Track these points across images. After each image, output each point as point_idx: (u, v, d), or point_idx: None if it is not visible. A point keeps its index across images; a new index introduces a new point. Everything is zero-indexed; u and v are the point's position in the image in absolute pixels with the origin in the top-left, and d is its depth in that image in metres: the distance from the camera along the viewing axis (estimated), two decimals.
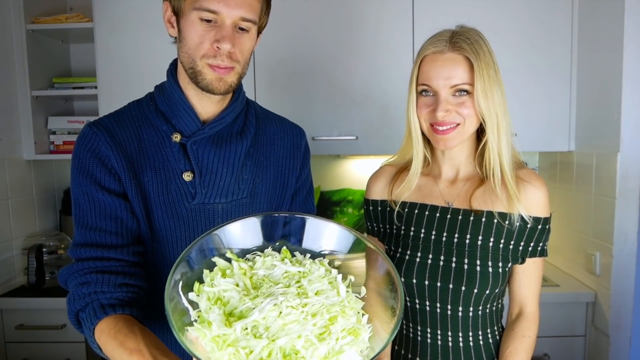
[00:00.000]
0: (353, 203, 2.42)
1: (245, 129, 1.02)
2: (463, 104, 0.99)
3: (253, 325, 0.63)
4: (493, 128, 1.01)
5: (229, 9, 0.86)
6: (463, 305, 1.04)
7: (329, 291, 0.71)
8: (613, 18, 1.71)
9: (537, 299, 1.09)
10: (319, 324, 0.64)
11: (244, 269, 0.72)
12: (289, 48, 1.98)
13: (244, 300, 0.66)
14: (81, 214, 0.93)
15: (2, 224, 2.05)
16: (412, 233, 1.09)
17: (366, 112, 2.00)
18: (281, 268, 0.74)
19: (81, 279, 0.88)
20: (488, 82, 0.97)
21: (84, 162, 0.93)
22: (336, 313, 0.67)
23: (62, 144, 2.24)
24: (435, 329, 1.06)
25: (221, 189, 0.97)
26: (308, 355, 0.60)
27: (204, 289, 0.68)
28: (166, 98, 0.98)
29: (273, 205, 1.07)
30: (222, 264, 0.72)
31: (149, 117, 0.98)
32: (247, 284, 0.70)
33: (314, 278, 0.73)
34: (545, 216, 1.05)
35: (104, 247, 0.90)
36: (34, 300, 1.91)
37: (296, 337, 0.61)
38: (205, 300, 0.66)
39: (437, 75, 0.99)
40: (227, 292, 0.67)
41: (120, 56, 2.01)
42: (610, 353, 1.75)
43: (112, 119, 0.97)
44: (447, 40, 0.99)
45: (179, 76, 0.98)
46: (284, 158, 1.08)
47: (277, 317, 0.63)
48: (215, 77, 0.90)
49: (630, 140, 1.69)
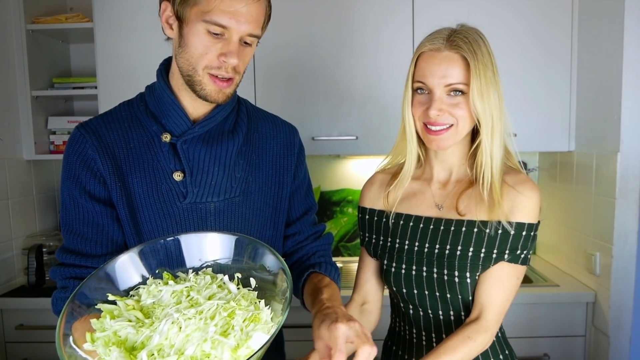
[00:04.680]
0: (353, 203, 2.43)
1: (237, 127, 1.02)
2: (457, 105, 0.97)
3: (158, 349, 0.64)
4: (487, 130, 0.98)
5: (238, 25, 0.86)
6: (453, 310, 1.04)
7: (220, 293, 0.74)
8: (613, 18, 1.71)
9: (498, 309, 0.99)
10: (219, 324, 0.66)
11: (131, 305, 0.73)
12: (289, 48, 1.98)
13: (142, 331, 0.67)
14: (67, 217, 0.96)
15: (2, 224, 2.05)
16: (398, 245, 1.08)
17: (366, 112, 2.00)
18: (168, 290, 0.75)
19: (62, 283, 0.94)
20: (485, 83, 0.95)
21: (71, 165, 0.95)
22: (233, 308, 0.69)
23: (62, 144, 2.24)
24: (429, 332, 1.07)
25: (213, 188, 0.97)
26: (219, 353, 0.63)
27: (95, 336, 0.67)
28: (156, 98, 0.98)
29: (269, 203, 1.07)
30: (108, 308, 0.72)
31: (139, 117, 0.98)
32: (139, 316, 0.71)
33: (201, 287, 0.75)
34: (530, 222, 1.00)
35: (83, 256, 0.94)
36: (34, 300, 1.91)
37: (202, 342, 0.63)
38: (102, 346, 0.66)
39: (433, 73, 0.96)
40: (121, 330, 0.68)
41: (120, 56, 2.01)
42: (610, 353, 1.75)
43: (101, 121, 0.98)
44: (445, 38, 0.97)
45: (172, 77, 0.98)
46: (278, 156, 1.08)
47: (179, 332, 0.65)
48: (215, 89, 0.91)
49: (630, 140, 1.69)
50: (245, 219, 1.02)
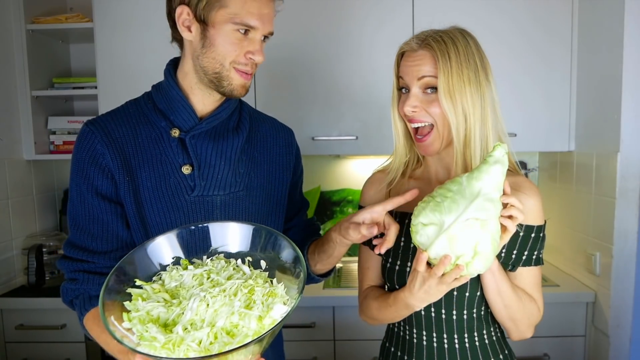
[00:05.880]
0: (353, 203, 2.43)
1: (240, 125, 1.07)
2: (432, 103, 0.98)
3: (191, 323, 0.72)
4: (459, 134, 0.95)
5: (263, 25, 0.95)
6: (457, 309, 1.03)
7: (236, 274, 0.83)
8: (613, 18, 1.71)
9: (540, 300, 1.06)
10: (242, 299, 0.75)
11: (157, 288, 0.80)
12: (289, 48, 1.98)
13: (172, 309, 0.75)
14: (74, 213, 0.99)
15: (2, 224, 2.05)
16: (403, 244, 1.08)
17: (366, 112, 2.00)
18: (189, 274, 0.82)
19: (70, 275, 0.98)
20: (457, 80, 0.94)
21: (80, 161, 0.97)
22: (251, 285, 0.78)
23: (62, 144, 2.25)
24: (430, 332, 1.06)
25: (219, 182, 1.01)
26: (246, 323, 0.71)
27: (131, 315, 0.75)
28: (164, 96, 1.01)
29: (270, 199, 1.11)
30: (136, 292, 0.80)
31: (146, 114, 1.01)
32: (166, 297, 0.79)
33: (219, 270, 0.83)
34: (539, 224, 1.02)
35: (89, 252, 0.97)
36: (34, 300, 1.92)
37: (230, 315, 0.71)
38: (138, 324, 0.73)
39: (408, 70, 0.99)
40: (153, 310, 0.75)
41: (120, 56, 2.01)
42: (610, 353, 1.75)
43: (109, 117, 1.01)
44: (424, 38, 0.99)
45: (183, 76, 1.01)
46: (278, 155, 1.13)
47: (207, 309, 0.73)
48: (241, 83, 0.98)
49: (630, 140, 1.69)
50: (249, 212, 1.06)
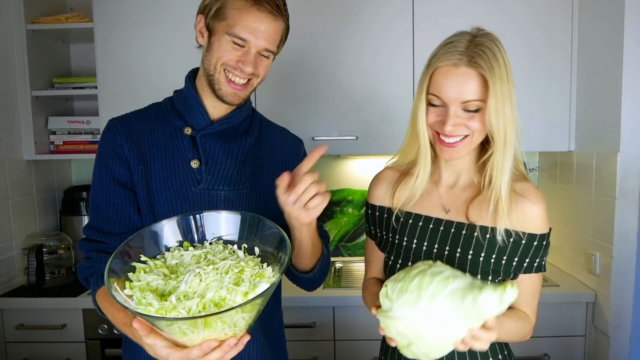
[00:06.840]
0: (353, 203, 2.43)
1: (250, 130, 1.17)
2: (472, 119, 0.96)
3: (184, 294, 0.81)
4: (500, 144, 0.97)
5: (256, 40, 1.03)
6: None
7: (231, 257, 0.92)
8: (613, 18, 1.72)
9: (534, 310, 1.07)
10: (232, 277, 0.84)
11: (159, 264, 0.91)
12: (289, 48, 1.95)
13: (169, 282, 0.85)
14: (94, 196, 1.11)
15: (2, 224, 2.05)
16: (405, 244, 1.08)
17: (366, 112, 2.00)
18: (188, 254, 0.92)
19: (87, 254, 1.09)
20: (501, 99, 0.93)
21: (102, 152, 1.10)
22: (242, 267, 0.87)
23: (62, 144, 2.25)
24: None
25: (224, 178, 1.10)
26: (232, 297, 0.79)
27: (133, 284, 0.85)
28: (182, 98, 1.13)
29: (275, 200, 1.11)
30: (140, 265, 0.89)
31: (165, 114, 1.13)
32: (166, 272, 0.88)
33: (215, 252, 0.93)
34: (542, 232, 1.02)
35: (104, 233, 1.09)
36: (34, 300, 1.92)
37: (219, 289, 0.80)
38: (139, 292, 0.83)
39: (449, 88, 0.94)
40: (153, 282, 0.85)
41: (120, 56, 2.01)
42: (610, 353, 1.75)
43: (132, 115, 1.14)
44: (463, 52, 0.94)
45: (198, 81, 1.12)
46: (285, 160, 1.21)
47: (200, 283, 0.82)
48: (231, 92, 1.06)
49: (630, 140, 1.69)
50: (252, 209, 1.11)
